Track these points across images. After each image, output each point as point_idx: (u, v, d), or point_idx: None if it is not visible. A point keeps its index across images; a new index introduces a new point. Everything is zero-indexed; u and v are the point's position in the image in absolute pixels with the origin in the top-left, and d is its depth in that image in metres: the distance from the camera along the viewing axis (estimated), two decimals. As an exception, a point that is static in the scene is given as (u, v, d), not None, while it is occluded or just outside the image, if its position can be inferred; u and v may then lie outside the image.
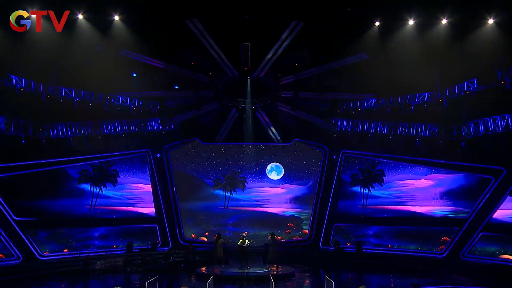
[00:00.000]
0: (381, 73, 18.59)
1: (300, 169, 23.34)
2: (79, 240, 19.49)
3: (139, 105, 21.17)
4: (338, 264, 18.58)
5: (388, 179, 21.26)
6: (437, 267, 17.02)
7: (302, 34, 16.46)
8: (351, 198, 22.08)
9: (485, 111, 17.68)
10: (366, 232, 21.26)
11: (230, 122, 21.65)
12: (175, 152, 23.18)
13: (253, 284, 13.35)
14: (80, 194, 20.14)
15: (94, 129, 20.20)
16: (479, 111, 17.97)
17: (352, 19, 16.53)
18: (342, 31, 17.19)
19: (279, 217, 23.18)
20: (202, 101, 20.21)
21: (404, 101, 20.12)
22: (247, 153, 23.39)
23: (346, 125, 21.95)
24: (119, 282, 14.47)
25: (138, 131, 21.59)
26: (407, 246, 19.73)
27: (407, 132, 20.34)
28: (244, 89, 18.96)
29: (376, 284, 13.72)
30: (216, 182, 23.31)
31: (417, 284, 10.69)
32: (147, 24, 16.67)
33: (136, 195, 21.83)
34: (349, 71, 19.00)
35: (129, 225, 21.04)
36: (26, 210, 17.94)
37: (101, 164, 20.79)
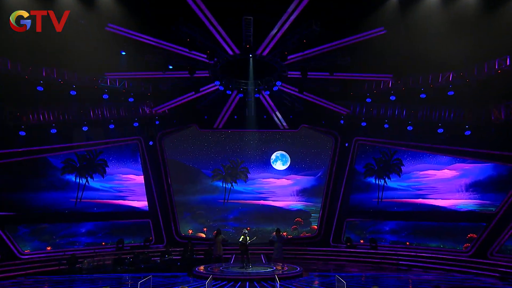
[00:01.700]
0: (400, 50, 18.04)
1: (308, 158, 23.41)
2: (64, 237, 19.52)
3: (129, 87, 20.84)
4: (350, 262, 18.66)
5: (406, 169, 21.13)
6: (461, 267, 16.74)
7: (311, 6, 16.07)
8: (365, 190, 22.09)
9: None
10: (381, 228, 21.26)
11: (230, 107, 21.59)
12: (169, 140, 23.19)
13: (256, 284, 13.23)
14: (64, 186, 20.10)
15: (79, 114, 20.01)
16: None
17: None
18: (356, 2, 16.90)
19: (285, 211, 23.30)
20: (199, 83, 20.03)
21: (426, 82, 19.62)
22: (250, 141, 23.44)
23: (359, 109, 21.69)
24: (108, 283, 14.21)
25: (129, 116, 21.42)
26: (427, 244, 19.66)
27: (428, 116, 20.08)
28: (246, 69, 18.79)
29: (392, 285, 13.53)
30: (215, 172, 23.37)
31: (439, 286, 11.08)
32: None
33: (127, 187, 21.86)
34: (363, 48, 18.22)
35: (119, 220, 21.08)
36: (4, 203, 17.89)
37: (87, 153, 20.78)
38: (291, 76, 19.45)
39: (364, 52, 18.70)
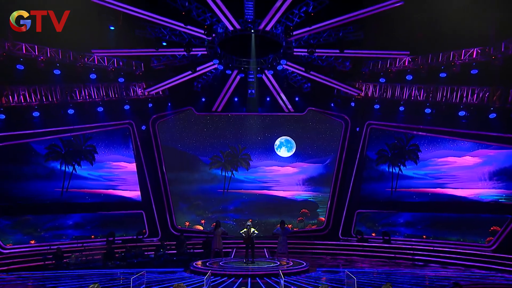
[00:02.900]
0: (418, 24, 17.84)
1: (316, 144, 23.38)
2: (49, 230, 19.48)
3: (119, 66, 20.41)
4: (361, 257, 18.83)
5: (423, 156, 20.96)
6: (483, 263, 16.67)
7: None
8: (378, 179, 22.07)
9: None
10: (395, 220, 21.24)
11: (230, 88, 21.41)
12: (164, 124, 23.08)
13: (259, 280, 13.21)
14: (49, 174, 20.02)
15: (64, 95, 19.67)
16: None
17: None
18: (370, -31, 16.79)
19: (290, 201, 23.35)
20: (196, 61, 19.79)
21: (447, 59, 19.16)
22: (252, 125, 23.35)
23: (372, 90, 21.43)
24: (98, 280, 14.17)
25: (119, 98, 21.12)
26: (446, 237, 19.61)
27: (449, 98, 19.71)
28: (248, 46, 18.51)
29: (406, 282, 13.39)
30: (213, 160, 23.37)
31: (458, 283, 10.98)
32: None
33: (118, 176, 21.84)
34: (377, 22, 17.99)
35: (110, 211, 21.11)
36: (-18, 193, 18.10)
37: (74, 138, 20.71)
38: (297, 54, 19.17)
39: (379, 26, 18.37)
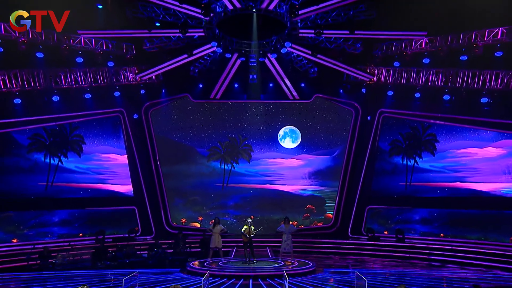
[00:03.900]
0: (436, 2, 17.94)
1: (323, 134, 23.39)
2: (33, 227, 19.48)
3: (108, 48, 20.36)
4: (372, 257, 18.86)
5: (441, 146, 20.88)
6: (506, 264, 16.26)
7: None
8: (391, 172, 22.06)
9: None
10: (410, 217, 21.25)
11: (230, 73, 21.43)
12: (157, 112, 23.13)
13: (261, 282, 13.05)
14: (32, 167, 20.01)
15: (48, 80, 19.49)
16: None
17: None
18: None
19: (295, 197, 23.38)
20: (192, 44, 19.76)
21: (468, 41, 18.92)
22: (253, 114, 23.41)
23: (385, 75, 21.29)
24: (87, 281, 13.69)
25: (108, 83, 21.02)
26: (465, 236, 19.57)
27: (470, 83, 19.49)
28: (249, 27, 18.47)
29: (422, 284, 13.17)
30: (212, 151, 23.43)
31: (479, 285, 10.59)
32: None
33: (108, 169, 21.86)
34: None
35: (99, 207, 21.14)
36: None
37: (59, 127, 20.65)
38: (303, 35, 19.13)
39: (393, 4, 18.41)
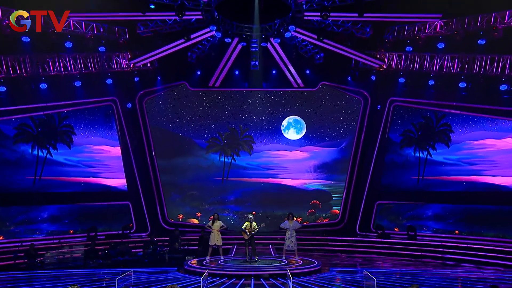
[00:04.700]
0: None
1: (330, 125, 23.35)
2: (20, 224, 19.57)
3: (99, 32, 20.01)
4: (382, 256, 18.96)
5: (456, 137, 20.81)
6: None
7: None
8: (402, 165, 21.99)
9: None
10: (422, 213, 21.21)
11: (230, 59, 21.39)
12: (153, 101, 23.15)
13: (264, 282, 13.20)
14: (19, 159, 19.95)
15: (35, 66, 19.34)
16: None
17: None
18: None
19: (300, 191, 23.44)
20: (190, 28, 19.63)
21: (487, 23, 18.52)
22: (255, 103, 23.41)
23: (397, 61, 21.13)
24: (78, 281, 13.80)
25: (99, 70, 20.90)
26: (482, 233, 19.51)
27: (488, 69, 19.15)
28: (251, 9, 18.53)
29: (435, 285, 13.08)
30: (211, 143, 23.45)
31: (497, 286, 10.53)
32: None
33: (100, 162, 21.87)
34: (404, -22, 18.17)
35: (91, 202, 21.18)
36: None
37: (47, 117, 20.51)
38: (309, 18, 18.98)
39: None
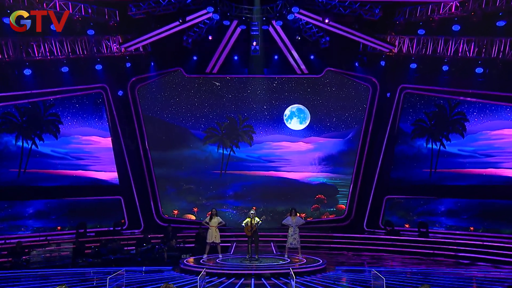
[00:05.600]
0: None
1: (335, 114, 23.44)
2: (4, 220, 19.61)
3: (88, 14, 19.89)
4: (391, 254, 18.91)
5: (472, 127, 20.77)
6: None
7: None
8: (413, 157, 22.01)
9: None
10: (434, 209, 21.23)
11: (228, 43, 21.42)
12: (146, 89, 23.23)
13: (265, 281, 13.08)
14: (2, 151, 20.02)
15: (19, 51, 19.44)
16: None
17: None
18: None
19: (303, 185, 23.56)
20: (185, 9, 19.60)
21: (507, 3, 18.14)
22: (255, 91, 23.46)
23: (408, 45, 21.14)
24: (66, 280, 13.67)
25: (88, 55, 20.84)
26: (499, 230, 19.42)
27: (507, 54, 19.11)
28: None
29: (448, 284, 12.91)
30: (208, 133, 23.56)
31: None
32: None
33: (89, 153, 21.92)
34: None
35: (80, 197, 21.22)
36: None
37: (32, 105, 20.52)
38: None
39: None
